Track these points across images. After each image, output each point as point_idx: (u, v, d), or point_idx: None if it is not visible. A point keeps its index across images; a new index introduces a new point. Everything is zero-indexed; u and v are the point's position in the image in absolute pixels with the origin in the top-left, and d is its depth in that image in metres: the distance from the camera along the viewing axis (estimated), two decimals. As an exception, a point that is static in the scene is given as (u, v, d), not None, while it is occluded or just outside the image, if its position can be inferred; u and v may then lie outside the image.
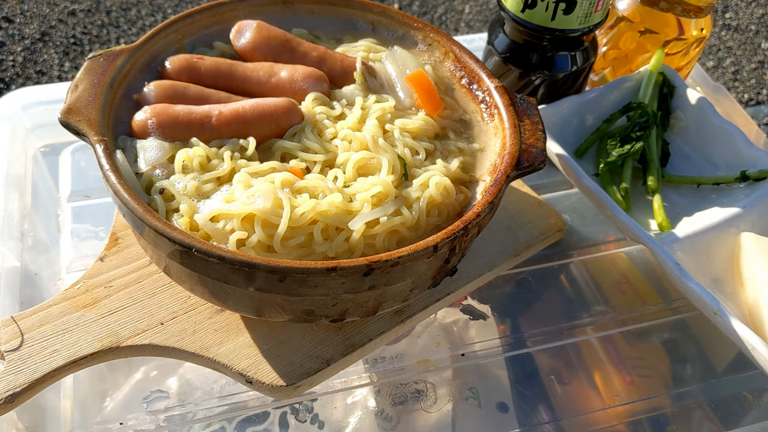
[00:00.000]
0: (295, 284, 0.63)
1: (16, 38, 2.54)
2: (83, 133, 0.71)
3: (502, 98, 0.81)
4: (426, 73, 0.84)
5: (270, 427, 0.80)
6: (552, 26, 0.96)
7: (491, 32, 1.06)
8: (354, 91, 0.82)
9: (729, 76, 2.68)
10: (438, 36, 0.89)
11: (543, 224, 0.93)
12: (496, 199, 0.71)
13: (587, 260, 0.98)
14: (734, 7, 3.01)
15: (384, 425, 0.80)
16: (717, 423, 0.83)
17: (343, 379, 0.83)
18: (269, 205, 0.67)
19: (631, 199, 0.98)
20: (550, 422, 0.82)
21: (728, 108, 1.17)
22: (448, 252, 0.68)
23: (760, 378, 0.85)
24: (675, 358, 0.89)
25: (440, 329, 0.89)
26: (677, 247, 0.86)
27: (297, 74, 0.80)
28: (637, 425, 0.83)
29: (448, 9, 2.90)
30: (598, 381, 0.86)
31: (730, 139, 1.01)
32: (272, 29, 0.85)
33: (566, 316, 0.91)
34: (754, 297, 0.85)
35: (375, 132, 0.76)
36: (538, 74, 1.02)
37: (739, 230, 0.91)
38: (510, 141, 0.76)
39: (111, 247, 0.83)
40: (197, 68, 0.81)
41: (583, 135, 1.05)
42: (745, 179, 0.96)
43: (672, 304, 0.93)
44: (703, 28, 1.08)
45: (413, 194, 0.73)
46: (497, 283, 0.94)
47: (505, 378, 0.85)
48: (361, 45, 0.89)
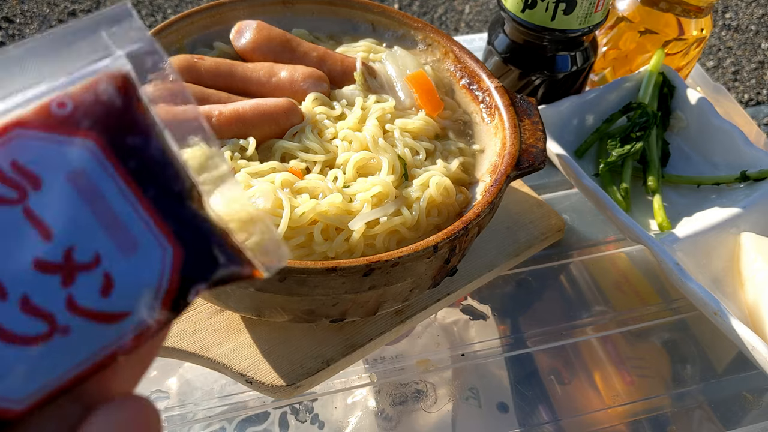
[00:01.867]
0: (295, 284, 0.63)
1: (17, 38, 2.54)
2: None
3: (502, 98, 0.81)
4: (426, 74, 0.84)
5: (270, 427, 0.80)
6: (552, 26, 0.96)
7: (491, 32, 1.06)
8: (354, 92, 0.82)
9: (729, 76, 2.68)
10: (438, 36, 0.89)
11: (543, 224, 0.93)
12: (496, 199, 0.71)
13: (587, 260, 0.98)
14: (734, 7, 3.01)
15: (384, 425, 0.80)
16: (717, 423, 0.83)
17: (343, 379, 0.83)
18: (269, 205, 0.67)
19: (631, 200, 0.98)
20: (550, 422, 0.82)
21: (728, 108, 1.17)
22: (448, 252, 0.68)
23: (760, 378, 0.85)
24: (675, 358, 0.89)
25: (440, 329, 0.89)
26: (677, 247, 0.86)
27: (297, 74, 0.80)
28: (637, 425, 0.83)
29: (448, 9, 2.90)
30: (598, 381, 0.86)
31: (730, 139, 1.01)
32: (272, 29, 0.85)
33: (566, 316, 0.91)
34: (754, 297, 0.85)
35: (375, 132, 0.76)
36: (538, 74, 1.02)
37: (739, 230, 0.91)
38: (510, 141, 0.76)
39: (111, 247, 0.83)
40: (197, 68, 0.81)
41: (583, 135, 1.05)
42: (745, 179, 0.96)
43: (672, 304, 0.93)
44: (703, 29, 1.08)
45: (413, 194, 0.73)
46: (497, 283, 0.94)
47: (505, 378, 0.85)
48: (361, 45, 0.89)
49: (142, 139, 0.28)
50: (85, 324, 0.26)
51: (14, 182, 0.27)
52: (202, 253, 0.28)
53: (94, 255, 0.27)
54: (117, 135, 0.28)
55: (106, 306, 0.27)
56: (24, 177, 0.27)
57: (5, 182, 0.27)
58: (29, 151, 0.27)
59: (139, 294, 0.27)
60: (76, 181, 0.27)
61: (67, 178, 0.27)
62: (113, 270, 0.27)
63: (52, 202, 0.27)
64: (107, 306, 0.27)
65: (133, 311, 0.27)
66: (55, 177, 0.27)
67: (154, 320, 0.28)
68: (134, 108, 0.29)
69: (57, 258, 0.26)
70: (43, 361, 0.26)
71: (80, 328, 0.26)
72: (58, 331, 0.26)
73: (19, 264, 0.26)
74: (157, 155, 0.28)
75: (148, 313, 0.27)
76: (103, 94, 0.28)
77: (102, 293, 0.27)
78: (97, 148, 0.27)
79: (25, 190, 0.27)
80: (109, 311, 0.27)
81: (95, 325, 0.27)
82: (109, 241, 0.27)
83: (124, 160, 0.28)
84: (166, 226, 0.28)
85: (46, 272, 0.26)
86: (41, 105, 0.28)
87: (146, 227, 0.28)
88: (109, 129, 0.28)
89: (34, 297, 0.26)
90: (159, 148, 0.28)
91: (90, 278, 0.27)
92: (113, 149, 0.28)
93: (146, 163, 0.28)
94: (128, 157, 0.28)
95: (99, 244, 0.27)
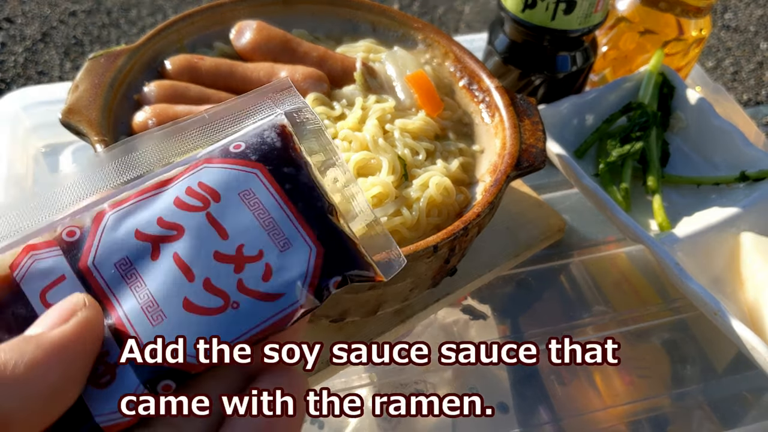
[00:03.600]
0: (295, 284, 0.63)
1: (17, 39, 2.54)
2: (84, 133, 0.71)
3: (502, 98, 0.81)
4: (426, 74, 0.84)
5: (270, 427, 0.79)
6: (552, 26, 0.96)
7: (491, 32, 1.06)
8: (354, 92, 0.82)
9: (728, 76, 2.69)
10: (438, 36, 0.89)
11: (543, 224, 0.93)
12: (496, 199, 0.71)
13: (587, 260, 0.98)
14: (733, 7, 3.02)
15: (384, 425, 0.80)
16: (717, 423, 0.83)
17: (344, 379, 0.83)
18: (269, 205, 0.67)
19: (631, 200, 0.98)
20: (550, 422, 0.82)
21: (728, 108, 1.18)
22: (448, 252, 0.68)
23: (760, 378, 0.85)
24: (675, 358, 0.89)
25: (440, 329, 0.89)
26: (677, 247, 0.86)
27: (297, 74, 0.81)
28: (637, 425, 0.83)
29: (448, 9, 2.91)
30: (598, 381, 0.86)
31: (729, 139, 1.01)
32: (272, 29, 0.85)
33: (566, 316, 0.91)
34: (754, 297, 0.85)
35: (375, 132, 0.76)
36: (538, 74, 1.02)
37: (739, 230, 0.91)
38: (510, 141, 0.77)
39: (111, 248, 0.83)
40: (198, 68, 0.81)
41: (583, 135, 1.05)
42: (745, 179, 0.96)
43: (672, 305, 0.93)
44: (702, 29, 1.08)
45: (413, 194, 0.73)
46: (497, 284, 0.94)
47: (505, 378, 0.85)
48: (361, 45, 0.89)
49: (295, 169, 0.38)
50: (251, 301, 0.35)
51: (200, 196, 0.37)
52: (338, 253, 0.37)
53: (259, 251, 0.36)
54: (277, 166, 0.38)
55: (266, 288, 0.35)
56: (207, 192, 0.37)
57: (193, 195, 0.37)
58: (212, 175, 0.37)
59: (291, 280, 0.35)
60: (246, 196, 0.37)
61: (240, 194, 0.37)
62: (272, 262, 0.36)
63: (228, 211, 0.36)
64: (267, 288, 0.35)
65: (287, 293, 0.35)
66: (231, 193, 0.37)
67: (302, 303, 0.36)
68: (290, 148, 0.39)
69: (231, 251, 0.35)
70: (218, 328, 0.34)
71: (247, 303, 0.35)
72: (230, 306, 0.34)
73: (203, 255, 0.35)
74: (305, 181, 0.38)
75: (298, 295, 0.36)
76: (267, 138, 0.39)
77: (263, 279, 0.35)
78: (262, 174, 0.37)
79: (208, 201, 0.37)
80: (268, 292, 0.35)
81: (258, 302, 0.35)
82: (269, 241, 0.36)
83: (281, 184, 0.37)
84: (311, 231, 0.37)
85: (222, 262, 0.35)
86: (222, 147, 0.39)
87: (297, 231, 0.37)
88: (272, 161, 0.38)
89: (213, 279, 0.35)
90: (307, 176, 0.38)
91: (255, 267, 0.35)
92: (274, 175, 0.37)
93: (298, 186, 0.38)
94: (285, 182, 0.37)
95: (262, 243, 0.36)
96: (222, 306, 0.34)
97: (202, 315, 0.34)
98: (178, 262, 0.35)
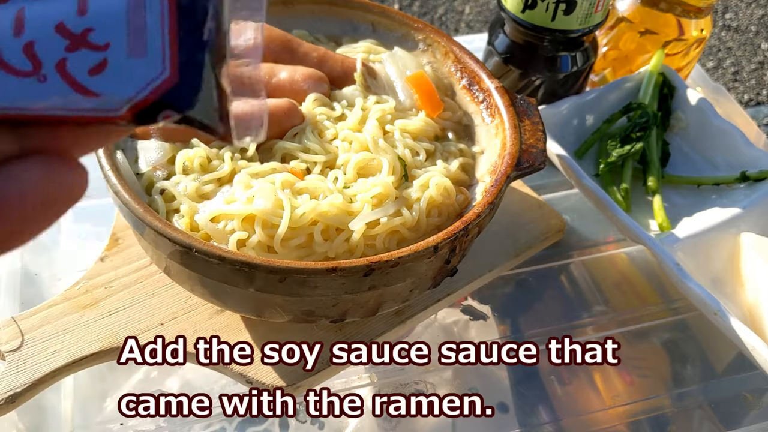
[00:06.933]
0: (295, 285, 0.63)
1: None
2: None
3: (502, 99, 0.81)
4: (426, 74, 0.84)
5: (270, 427, 0.80)
6: (552, 27, 0.96)
7: (491, 32, 1.06)
8: (354, 92, 0.82)
9: (729, 76, 2.69)
10: (438, 37, 0.89)
11: (543, 224, 0.93)
12: (496, 199, 0.71)
13: (587, 260, 0.98)
14: (734, 7, 3.02)
15: (384, 425, 0.80)
16: (717, 423, 0.83)
17: (344, 379, 0.83)
18: (270, 205, 0.67)
19: (631, 200, 0.98)
20: (550, 422, 0.82)
21: (728, 108, 1.18)
22: (448, 252, 0.68)
23: (760, 378, 0.85)
24: (675, 358, 0.89)
25: (440, 330, 0.89)
26: (677, 248, 0.86)
27: (297, 75, 0.80)
28: (637, 425, 0.83)
29: (448, 9, 2.91)
30: (598, 381, 0.86)
31: (730, 139, 1.01)
32: (272, 30, 0.85)
33: (566, 317, 0.91)
34: (754, 297, 0.85)
35: (375, 133, 0.76)
36: (538, 75, 1.02)
37: (739, 230, 0.91)
38: (510, 141, 0.77)
39: (111, 248, 0.83)
40: (198, 69, 0.81)
41: (583, 135, 1.05)
42: (745, 180, 0.96)
43: (672, 305, 0.93)
44: (703, 29, 1.08)
45: (413, 195, 0.73)
46: (497, 284, 0.94)
47: (505, 378, 0.86)
48: (361, 46, 0.89)
49: None
50: (59, 82, 0.31)
51: None
52: (189, 91, 0.33)
53: (106, 43, 0.31)
54: None
55: (84, 81, 0.32)
56: None
57: None
58: None
59: (116, 88, 0.32)
60: None
61: None
62: (112, 60, 0.32)
63: None
64: (85, 81, 0.32)
65: (102, 96, 0.32)
66: None
67: (114, 114, 0.32)
68: None
69: (77, 30, 0.31)
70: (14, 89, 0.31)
71: (55, 83, 0.31)
72: (36, 76, 0.31)
73: (46, 18, 0.31)
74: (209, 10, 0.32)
75: (114, 105, 0.32)
76: None
77: (90, 71, 0.31)
78: None
79: None
80: (83, 84, 0.32)
81: (65, 86, 0.31)
82: (125, 41, 0.32)
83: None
84: (177, 57, 0.32)
85: (60, 35, 0.31)
86: None
87: (161, 47, 0.32)
88: None
89: (37, 45, 0.31)
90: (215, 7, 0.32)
91: (89, 56, 0.31)
92: None
93: (195, 9, 0.32)
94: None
95: (115, 38, 0.31)
96: (29, 72, 0.31)
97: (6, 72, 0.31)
98: (17, 17, 0.31)
